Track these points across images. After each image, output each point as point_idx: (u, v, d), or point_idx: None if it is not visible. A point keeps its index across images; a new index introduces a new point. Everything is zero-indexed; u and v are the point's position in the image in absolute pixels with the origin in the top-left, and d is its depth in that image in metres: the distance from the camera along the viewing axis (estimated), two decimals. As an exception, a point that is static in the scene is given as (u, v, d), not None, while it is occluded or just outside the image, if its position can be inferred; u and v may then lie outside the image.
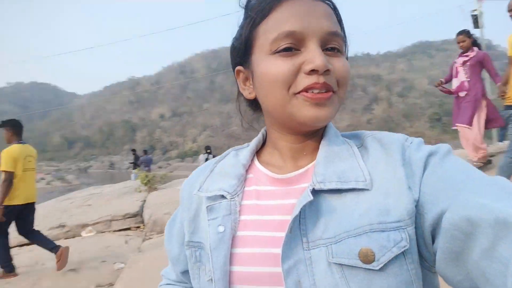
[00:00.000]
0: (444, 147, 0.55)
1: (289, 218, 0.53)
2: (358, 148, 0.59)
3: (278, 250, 0.52)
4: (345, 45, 0.61)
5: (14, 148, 4.16)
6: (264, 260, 0.54)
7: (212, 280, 0.56)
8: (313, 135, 0.62)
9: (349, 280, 0.48)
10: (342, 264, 0.48)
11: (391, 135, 0.59)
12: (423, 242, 0.49)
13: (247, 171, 0.66)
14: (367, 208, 0.51)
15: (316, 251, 0.50)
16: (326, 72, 0.53)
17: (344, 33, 0.60)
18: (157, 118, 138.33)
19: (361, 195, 0.52)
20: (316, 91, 0.53)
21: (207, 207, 0.61)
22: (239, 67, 0.64)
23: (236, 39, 0.63)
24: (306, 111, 0.54)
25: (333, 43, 0.55)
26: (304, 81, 0.52)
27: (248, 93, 0.64)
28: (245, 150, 0.69)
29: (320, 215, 0.53)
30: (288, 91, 0.54)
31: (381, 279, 0.47)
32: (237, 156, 0.68)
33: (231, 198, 0.60)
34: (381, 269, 0.47)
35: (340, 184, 0.53)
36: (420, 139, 0.58)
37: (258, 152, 0.69)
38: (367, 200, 0.51)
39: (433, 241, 0.48)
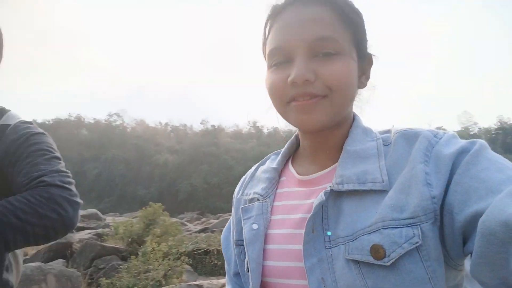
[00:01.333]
0: (479, 143, 0.51)
1: (308, 216, 0.56)
2: (386, 146, 0.59)
3: (298, 247, 0.56)
4: (356, 41, 0.59)
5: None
6: (287, 256, 0.59)
7: (248, 271, 0.62)
8: (333, 135, 0.63)
9: (366, 277, 0.49)
10: (359, 261, 0.50)
11: (419, 131, 0.57)
12: (451, 242, 0.48)
13: (281, 174, 0.71)
14: (382, 205, 0.51)
15: (335, 249, 0.53)
16: (307, 82, 0.54)
17: (356, 27, 0.59)
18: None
19: (379, 195, 0.53)
20: (300, 99, 0.56)
21: (241, 208, 0.69)
22: None
23: None
24: (295, 118, 0.58)
25: (324, 49, 0.55)
26: (290, 92, 0.56)
27: None
28: (281, 153, 0.74)
29: (341, 214, 0.55)
30: (282, 101, 0.59)
31: (394, 275, 0.47)
32: (273, 161, 0.75)
33: (263, 200, 0.66)
34: (392, 265, 0.47)
35: (358, 186, 0.54)
36: (452, 133, 0.56)
37: (294, 154, 0.74)
38: (383, 200, 0.52)
39: (464, 242, 0.47)
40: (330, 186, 0.56)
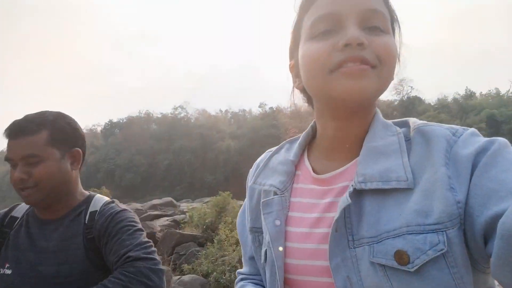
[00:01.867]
0: (498, 142, 0.50)
1: (325, 215, 0.56)
2: (406, 141, 0.57)
3: (315, 246, 0.57)
4: (395, 25, 0.60)
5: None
6: (306, 254, 0.59)
7: (266, 264, 0.63)
8: (358, 124, 0.60)
9: (392, 280, 0.48)
10: (380, 264, 0.49)
11: (436, 129, 0.55)
12: (474, 245, 0.47)
13: (296, 167, 0.69)
14: (406, 209, 0.50)
15: (360, 249, 0.52)
16: (361, 46, 0.52)
17: (394, 15, 0.60)
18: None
19: (403, 195, 0.51)
20: (351, 64, 0.52)
21: (262, 202, 0.66)
22: (291, 62, 0.67)
23: (290, 37, 0.66)
24: (341, 85, 0.53)
25: (374, 21, 0.54)
26: (339, 56, 0.53)
27: (297, 84, 0.66)
28: (296, 144, 0.71)
29: (364, 214, 0.53)
30: (324, 69, 0.54)
31: (419, 281, 0.46)
32: (288, 151, 0.72)
33: (281, 194, 0.64)
34: (417, 271, 0.46)
35: (381, 184, 0.52)
36: (472, 130, 0.54)
37: (309, 145, 0.71)
38: (407, 200, 0.51)
39: (485, 244, 0.46)
40: (352, 185, 0.55)
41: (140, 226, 1.11)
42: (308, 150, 0.70)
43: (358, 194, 0.54)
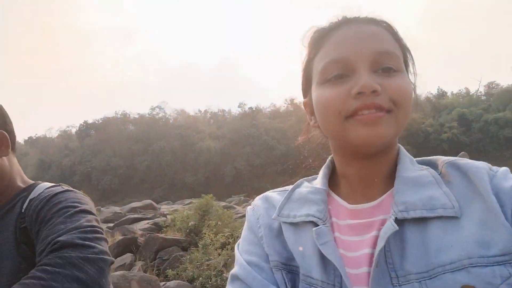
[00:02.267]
0: None
1: (371, 252, 0.52)
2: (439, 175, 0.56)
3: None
4: (410, 63, 0.60)
5: None
6: None
7: None
8: (382, 161, 0.59)
9: None
10: None
11: (473, 162, 0.55)
12: None
13: None
14: (461, 239, 0.48)
15: (407, 287, 0.48)
16: (374, 93, 0.51)
17: (406, 51, 0.60)
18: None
19: (449, 224, 0.49)
20: (366, 112, 0.52)
21: (315, 230, 0.56)
22: (304, 100, 0.67)
23: (301, 74, 0.66)
24: (357, 133, 0.52)
25: (386, 63, 0.54)
26: (354, 104, 0.52)
27: (313, 123, 0.66)
28: (319, 178, 0.66)
29: (406, 246, 0.50)
30: (340, 116, 0.54)
31: None
32: (311, 184, 0.67)
33: (323, 224, 0.57)
34: None
35: (426, 212, 0.50)
36: (505, 168, 0.55)
37: (330, 179, 0.67)
38: (458, 230, 0.49)
39: None
40: (393, 214, 0.52)
41: (86, 207, 0.87)
42: (330, 185, 0.66)
43: (398, 224, 0.51)
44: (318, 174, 0.69)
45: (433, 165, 0.59)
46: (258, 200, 0.71)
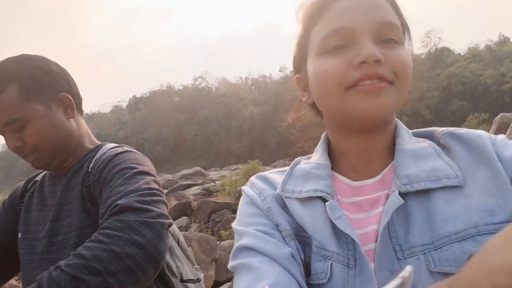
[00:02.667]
0: None
1: (377, 227, 0.51)
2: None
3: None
4: (408, 37, 0.59)
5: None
6: None
7: (332, 280, 0.51)
8: (381, 135, 0.57)
9: None
10: (448, 273, 0.45)
11: (472, 131, 0.54)
12: None
13: None
14: (466, 209, 0.47)
15: (413, 259, 0.47)
16: (378, 62, 0.50)
17: (405, 26, 0.58)
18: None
19: (453, 194, 0.49)
20: (368, 82, 0.50)
21: (328, 204, 0.54)
22: (297, 75, 0.64)
23: (295, 49, 0.64)
24: (358, 104, 0.51)
25: (388, 34, 0.52)
26: (355, 74, 0.50)
27: (306, 98, 0.63)
28: (318, 154, 0.63)
29: (410, 220, 0.49)
30: (340, 87, 0.52)
31: None
32: (311, 161, 0.64)
33: (332, 199, 0.54)
34: None
35: (430, 184, 0.49)
36: (503, 135, 0.54)
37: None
38: (462, 199, 0.48)
39: None
40: (396, 188, 0.51)
41: (145, 168, 0.88)
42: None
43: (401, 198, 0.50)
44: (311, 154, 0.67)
45: (430, 137, 0.58)
46: (255, 179, 0.67)
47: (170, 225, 0.79)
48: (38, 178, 1.06)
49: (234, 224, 0.62)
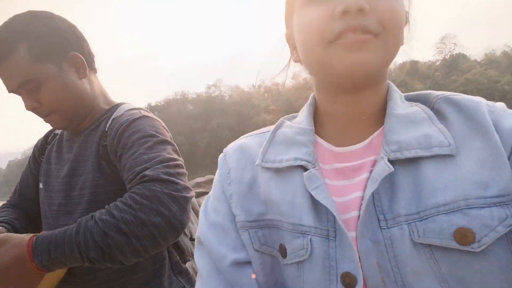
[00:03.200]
0: None
1: (362, 195, 0.48)
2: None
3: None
4: None
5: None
6: None
7: (312, 256, 0.49)
8: (371, 97, 0.53)
9: (440, 262, 0.42)
10: (431, 245, 0.43)
11: (470, 97, 0.50)
12: None
13: None
14: (458, 180, 0.44)
15: (396, 229, 0.45)
16: (362, 12, 0.45)
17: None
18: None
19: (444, 163, 0.46)
20: (350, 35, 0.45)
21: (306, 175, 0.51)
22: (287, 32, 0.61)
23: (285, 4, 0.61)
24: (340, 60, 0.46)
25: None
26: (337, 26, 0.45)
27: (295, 57, 0.60)
28: (302, 117, 0.60)
29: (397, 188, 0.46)
30: (322, 41, 0.47)
31: (481, 261, 0.41)
32: (294, 123, 0.60)
33: (313, 167, 0.52)
34: (482, 251, 0.41)
35: (421, 152, 0.46)
36: (502, 103, 0.51)
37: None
38: (454, 170, 0.45)
39: None
40: (385, 155, 0.47)
41: (165, 137, 0.90)
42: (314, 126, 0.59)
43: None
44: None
45: (424, 101, 0.54)
46: (230, 149, 0.64)
47: (193, 196, 0.83)
48: (58, 131, 1.11)
49: (206, 198, 0.63)
